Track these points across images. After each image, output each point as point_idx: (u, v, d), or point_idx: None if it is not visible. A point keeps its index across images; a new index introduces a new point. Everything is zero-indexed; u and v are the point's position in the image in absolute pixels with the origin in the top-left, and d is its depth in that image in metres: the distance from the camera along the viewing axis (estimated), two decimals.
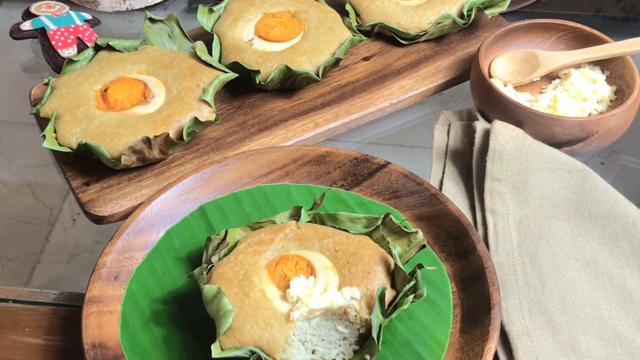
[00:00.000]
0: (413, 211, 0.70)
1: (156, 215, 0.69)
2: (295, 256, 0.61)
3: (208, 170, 0.72)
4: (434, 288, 0.64)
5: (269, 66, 0.81)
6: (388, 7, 0.89)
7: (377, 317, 0.56)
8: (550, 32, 0.85)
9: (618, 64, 0.81)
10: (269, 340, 0.56)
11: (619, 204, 0.69)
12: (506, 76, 0.82)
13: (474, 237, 0.65)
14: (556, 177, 0.71)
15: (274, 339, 0.56)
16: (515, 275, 0.65)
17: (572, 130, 0.74)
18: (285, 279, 0.60)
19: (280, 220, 0.66)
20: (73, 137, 0.74)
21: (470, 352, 0.59)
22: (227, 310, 0.57)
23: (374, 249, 0.62)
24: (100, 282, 0.63)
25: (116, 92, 0.77)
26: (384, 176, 0.72)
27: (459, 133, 0.78)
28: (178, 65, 0.80)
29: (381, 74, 0.86)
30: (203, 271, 0.62)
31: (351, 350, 0.58)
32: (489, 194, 0.70)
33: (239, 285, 0.59)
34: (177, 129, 0.75)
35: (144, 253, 0.67)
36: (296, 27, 0.86)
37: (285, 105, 0.83)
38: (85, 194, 0.74)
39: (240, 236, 0.65)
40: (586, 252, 0.67)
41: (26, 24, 0.90)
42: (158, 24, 0.86)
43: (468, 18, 0.88)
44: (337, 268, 0.61)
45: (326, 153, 0.74)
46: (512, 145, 0.72)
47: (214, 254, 0.63)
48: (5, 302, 0.67)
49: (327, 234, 0.63)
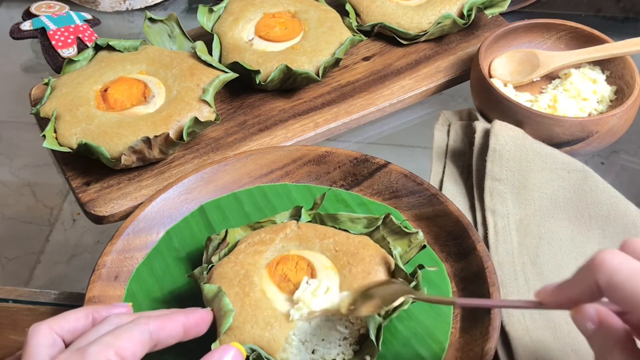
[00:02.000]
0: (413, 211, 0.70)
1: (156, 215, 0.69)
2: (296, 256, 0.61)
3: (208, 170, 0.72)
4: (434, 288, 0.64)
5: (269, 66, 0.81)
6: (388, 7, 0.89)
7: (373, 319, 0.56)
8: (550, 32, 0.85)
9: (618, 64, 0.81)
10: (269, 339, 0.56)
11: (619, 204, 0.69)
12: (506, 76, 0.82)
13: (474, 237, 0.65)
14: (556, 177, 0.71)
15: (274, 339, 0.56)
16: (515, 275, 0.65)
17: (572, 130, 0.74)
18: (285, 278, 0.60)
19: (281, 220, 0.66)
20: (73, 137, 0.74)
21: (470, 352, 0.59)
22: (228, 310, 0.57)
23: (374, 250, 0.62)
24: (100, 282, 0.63)
25: (116, 92, 0.77)
26: (384, 176, 0.72)
27: (459, 133, 0.78)
28: (178, 65, 0.80)
29: (381, 74, 0.86)
30: (203, 271, 0.62)
31: (351, 350, 0.58)
32: (489, 194, 0.70)
33: (239, 284, 0.59)
34: (177, 129, 0.75)
35: (144, 253, 0.67)
36: (296, 27, 0.86)
37: (285, 105, 0.83)
38: (85, 194, 0.74)
39: (240, 236, 0.65)
40: (586, 252, 0.67)
41: (26, 24, 0.90)
42: (158, 24, 0.86)
43: (468, 18, 0.88)
44: (338, 268, 0.61)
45: (326, 153, 0.74)
46: (512, 145, 0.72)
47: (214, 254, 0.63)
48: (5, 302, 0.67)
49: (328, 234, 0.63)
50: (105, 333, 0.49)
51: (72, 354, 0.47)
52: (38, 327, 0.50)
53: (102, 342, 0.47)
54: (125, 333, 0.49)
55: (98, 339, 0.48)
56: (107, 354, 0.47)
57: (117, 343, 0.48)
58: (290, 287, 0.59)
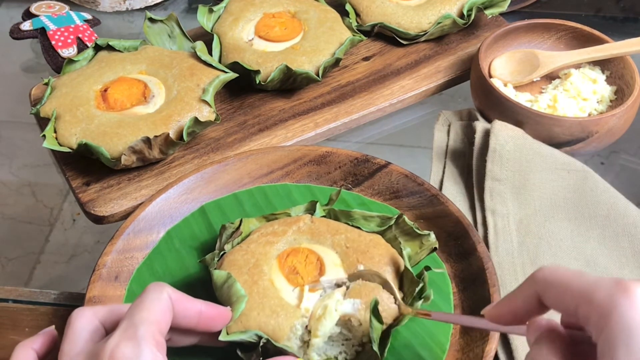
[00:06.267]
0: (414, 212, 0.70)
1: (156, 215, 0.69)
2: (306, 249, 0.62)
3: (208, 170, 0.72)
4: (435, 289, 0.64)
5: (269, 66, 0.81)
6: (388, 7, 0.89)
7: (374, 329, 0.56)
8: (550, 32, 0.85)
9: (618, 64, 0.81)
10: (274, 327, 0.56)
11: (619, 204, 0.69)
12: (506, 76, 0.82)
13: (474, 238, 0.65)
14: (556, 177, 0.71)
15: (280, 327, 0.56)
16: (516, 275, 0.65)
17: (572, 130, 0.74)
18: (294, 271, 0.60)
19: (296, 213, 0.67)
20: (73, 137, 0.74)
21: (471, 353, 0.59)
22: (241, 295, 0.58)
23: (384, 249, 0.62)
24: (100, 282, 0.63)
25: (116, 92, 0.77)
26: (385, 176, 0.72)
27: (459, 133, 0.78)
28: (178, 65, 0.80)
29: (381, 74, 0.86)
30: (215, 257, 0.63)
31: (354, 351, 0.58)
32: (489, 194, 0.70)
33: (248, 273, 0.60)
34: (177, 129, 0.75)
35: (144, 253, 0.67)
36: (296, 27, 0.86)
37: (285, 105, 0.83)
38: (85, 194, 0.74)
39: (255, 226, 0.66)
40: (586, 252, 0.67)
41: (26, 24, 0.90)
42: (158, 24, 0.86)
43: (468, 18, 0.88)
44: (347, 265, 0.61)
45: (327, 153, 0.74)
46: (512, 145, 0.72)
47: (227, 242, 0.64)
48: (5, 302, 0.67)
49: (340, 230, 0.64)
50: (138, 308, 0.49)
51: (123, 332, 0.47)
52: (82, 311, 0.50)
53: (146, 321, 0.48)
54: (156, 305, 0.49)
55: (140, 318, 0.48)
56: (152, 332, 0.47)
57: (154, 317, 0.48)
58: (298, 280, 0.60)
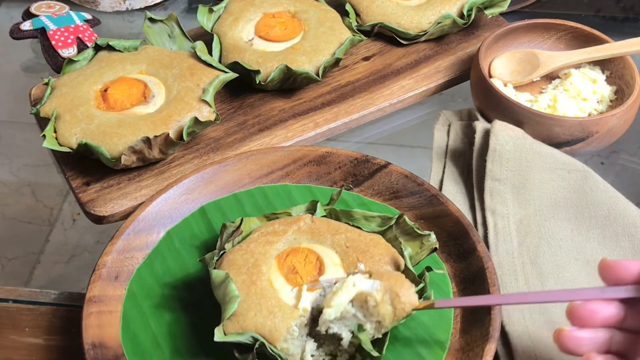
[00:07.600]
0: (414, 212, 0.70)
1: (157, 216, 0.69)
2: (306, 249, 0.62)
3: (208, 170, 0.72)
4: (435, 289, 0.64)
5: (269, 66, 0.81)
6: (388, 7, 0.89)
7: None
8: (550, 32, 0.85)
9: (618, 64, 0.81)
10: (271, 328, 0.56)
11: (619, 204, 0.69)
12: (506, 76, 0.82)
13: (474, 238, 0.65)
14: (556, 177, 0.71)
15: (276, 328, 0.56)
16: (515, 275, 0.65)
17: (572, 130, 0.74)
18: (293, 270, 0.60)
19: (297, 213, 0.67)
20: (73, 137, 0.74)
21: (471, 353, 0.59)
22: (234, 296, 0.58)
23: (385, 249, 0.62)
24: (100, 282, 0.63)
25: (116, 92, 0.77)
26: (385, 177, 0.72)
27: (459, 133, 0.78)
28: (178, 65, 0.80)
29: (381, 74, 0.86)
30: (214, 256, 0.63)
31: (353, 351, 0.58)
32: (489, 194, 0.70)
33: (247, 272, 0.60)
34: (177, 129, 0.75)
35: (144, 253, 0.67)
36: (296, 27, 0.86)
37: (285, 105, 0.83)
38: (85, 194, 0.74)
39: (256, 225, 0.66)
40: (586, 252, 0.67)
41: (26, 24, 0.90)
42: (158, 24, 0.86)
43: (468, 18, 0.88)
44: (346, 265, 0.61)
45: (327, 153, 0.74)
46: (512, 145, 0.72)
47: (228, 241, 0.64)
48: (5, 302, 0.67)
49: (340, 230, 0.64)
50: None
51: None
52: None
53: None
54: None
55: None
56: None
57: None
58: (298, 280, 0.60)
